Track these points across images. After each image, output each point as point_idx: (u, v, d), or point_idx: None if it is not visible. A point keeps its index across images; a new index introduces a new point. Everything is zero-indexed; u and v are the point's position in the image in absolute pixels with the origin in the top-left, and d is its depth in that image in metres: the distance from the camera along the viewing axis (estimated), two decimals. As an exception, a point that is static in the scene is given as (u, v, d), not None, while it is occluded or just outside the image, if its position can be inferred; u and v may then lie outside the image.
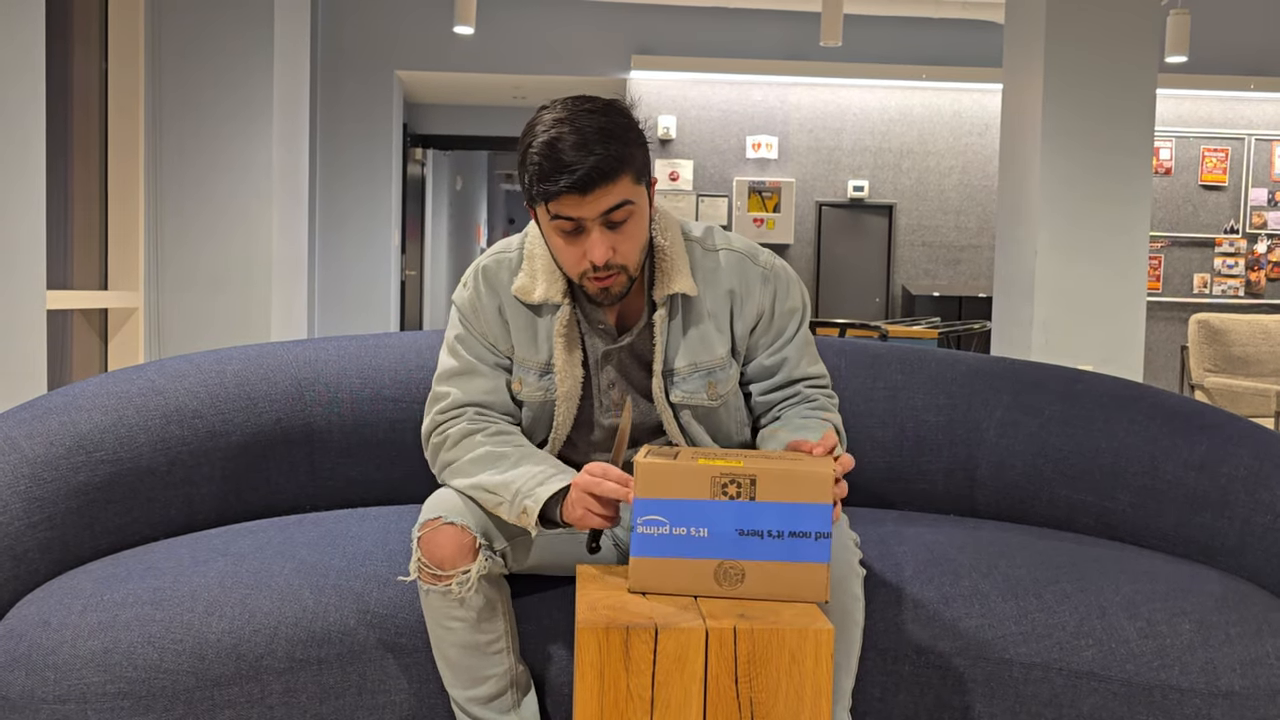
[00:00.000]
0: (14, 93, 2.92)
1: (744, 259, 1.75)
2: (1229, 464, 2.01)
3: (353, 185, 7.76)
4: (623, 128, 1.56)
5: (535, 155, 1.54)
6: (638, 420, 1.76)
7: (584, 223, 1.56)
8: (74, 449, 1.89)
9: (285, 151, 4.52)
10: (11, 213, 2.92)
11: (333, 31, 7.74)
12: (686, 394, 1.72)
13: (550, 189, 1.53)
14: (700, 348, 1.72)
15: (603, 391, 1.75)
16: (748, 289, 1.73)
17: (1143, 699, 1.73)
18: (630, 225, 1.59)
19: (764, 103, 8.17)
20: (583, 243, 1.58)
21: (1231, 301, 8.18)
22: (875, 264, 8.33)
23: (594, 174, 1.51)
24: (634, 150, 1.57)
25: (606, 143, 1.52)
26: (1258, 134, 8.14)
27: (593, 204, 1.54)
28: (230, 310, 4.36)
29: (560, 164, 1.51)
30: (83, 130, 4.11)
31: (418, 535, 1.60)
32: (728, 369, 1.74)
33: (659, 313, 1.69)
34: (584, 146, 1.51)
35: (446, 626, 1.61)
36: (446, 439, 1.72)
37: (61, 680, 1.63)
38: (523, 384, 1.74)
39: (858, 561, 1.62)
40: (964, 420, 2.27)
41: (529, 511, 1.56)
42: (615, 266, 1.60)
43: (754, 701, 1.37)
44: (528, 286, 1.70)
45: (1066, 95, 4.63)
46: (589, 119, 1.54)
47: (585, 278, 1.61)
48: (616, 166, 1.53)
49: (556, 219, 1.57)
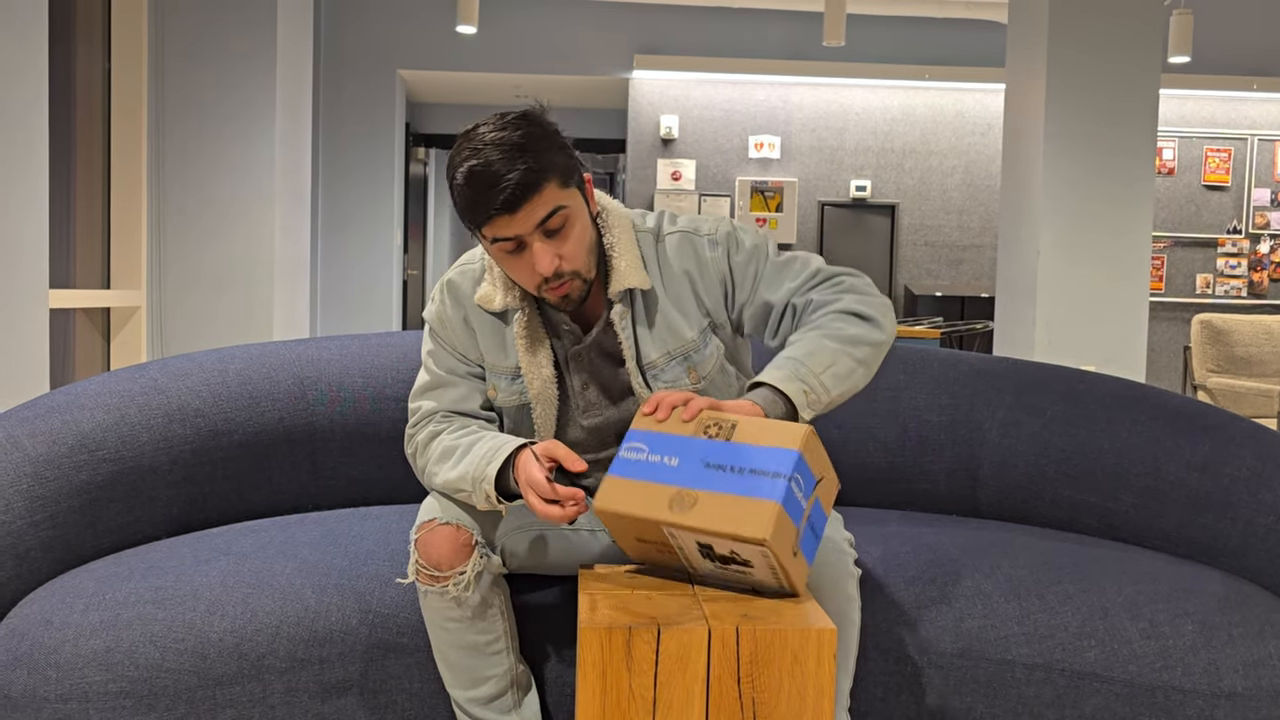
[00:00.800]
0: (17, 92, 2.92)
1: (689, 236, 1.74)
2: (1232, 465, 2.01)
3: (355, 184, 7.76)
4: (536, 137, 1.56)
5: (459, 188, 1.56)
6: (615, 418, 1.76)
7: (523, 238, 1.57)
8: (76, 448, 1.90)
9: (287, 151, 4.52)
10: (14, 212, 2.92)
11: (335, 31, 7.74)
12: (669, 383, 1.72)
13: (480, 216, 1.55)
14: (669, 335, 1.71)
15: (577, 393, 1.75)
16: (701, 264, 1.72)
17: (1145, 700, 1.73)
18: (569, 230, 1.60)
19: (767, 102, 8.17)
20: (528, 258, 1.59)
21: (1234, 302, 8.17)
22: (878, 264, 8.32)
23: (517, 191, 1.52)
24: (553, 157, 1.57)
25: (523, 156, 1.53)
26: (1260, 134, 8.13)
27: (524, 219, 1.55)
28: (233, 309, 4.36)
29: (483, 189, 1.53)
30: (86, 130, 4.11)
31: (414, 537, 1.60)
32: (703, 349, 1.72)
33: (616, 309, 1.69)
34: (503, 166, 1.52)
35: (445, 627, 1.61)
36: (417, 447, 1.75)
37: (64, 679, 1.63)
38: (497, 390, 1.75)
39: (852, 563, 1.61)
40: (966, 420, 2.27)
41: (490, 496, 1.58)
42: (566, 274, 1.61)
43: (756, 702, 1.37)
44: (489, 295, 1.72)
45: (1069, 95, 4.63)
46: (500, 136, 1.54)
47: (542, 290, 1.62)
48: (537, 178, 1.54)
49: (496, 241, 1.58)
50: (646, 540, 1.50)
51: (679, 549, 1.49)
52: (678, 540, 1.47)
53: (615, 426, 1.77)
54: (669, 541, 1.48)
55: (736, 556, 1.44)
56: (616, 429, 1.77)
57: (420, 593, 1.61)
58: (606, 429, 1.76)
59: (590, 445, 1.78)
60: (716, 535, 1.42)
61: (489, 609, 1.62)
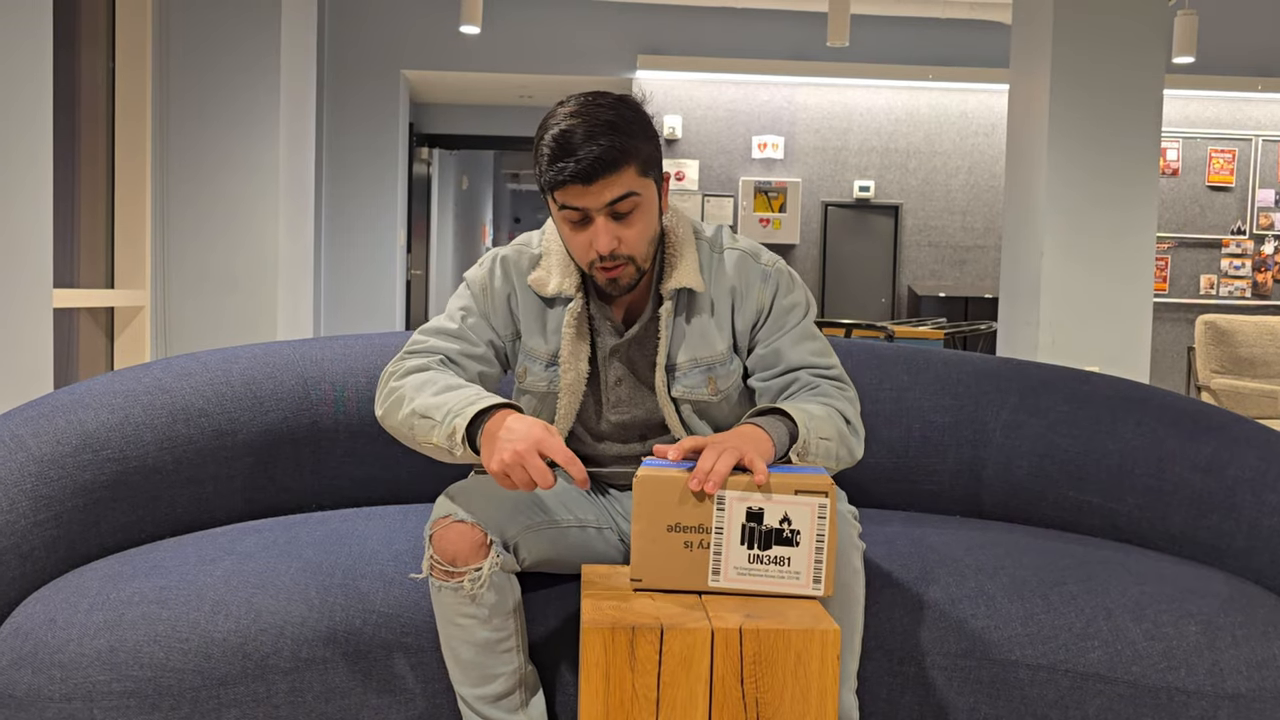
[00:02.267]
0: (22, 93, 2.92)
1: (747, 257, 1.79)
2: (1236, 466, 2.01)
3: (359, 185, 7.77)
4: (630, 121, 1.61)
5: (546, 145, 1.60)
6: (642, 416, 1.79)
7: (589, 213, 1.61)
8: (80, 447, 1.90)
9: (292, 151, 4.53)
10: (19, 211, 2.93)
11: (339, 31, 7.75)
12: (687, 389, 1.75)
13: (556, 177, 1.59)
14: (701, 343, 1.75)
15: (609, 388, 1.79)
16: (748, 286, 1.77)
17: (1149, 701, 1.73)
18: (636, 217, 1.63)
19: (770, 103, 8.17)
20: (589, 233, 1.63)
21: (1238, 303, 8.16)
22: (881, 264, 8.32)
23: (598, 164, 1.57)
24: (640, 144, 1.61)
25: (612, 134, 1.58)
26: (1265, 135, 8.12)
27: (596, 194, 1.59)
28: (237, 309, 4.37)
29: (567, 154, 1.57)
30: (90, 130, 4.11)
31: (430, 532, 1.60)
32: (728, 364, 1.77)
33: (665, 306, 1.73)
34: (590, 138, 1.57)
35: (457, 624, 1.61)
36: (401, 369, 1.71)
37: (67, 679, 1.63)
38: (528, 372, 1.79)
39: (857, 535, 1.63)
40: (970, 421, 2.27)
41: (457, 430, 1.55)
42: (621, 257, 1.64)
43: (759, 702, 1.37)
44: (543, 279, 1.75)
45: (1073, 96, 4.62)
46: (599, 112, 1.60)
47: (593, 267, 1.66)
48: (620, 158, 1.58)
49: (564, 209, 1.62)
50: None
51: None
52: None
53: (641, 425, 1.80)
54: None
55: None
56: (642, 428, 1.80)
57: (433, 588, 1.61)
58: (633, 426, 1.80)
59: (613, 437, 1.82)
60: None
61: (502, 607, 1.62)
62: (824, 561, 1.45)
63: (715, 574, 1.47)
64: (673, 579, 1.47)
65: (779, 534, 1.45)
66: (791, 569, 1.46)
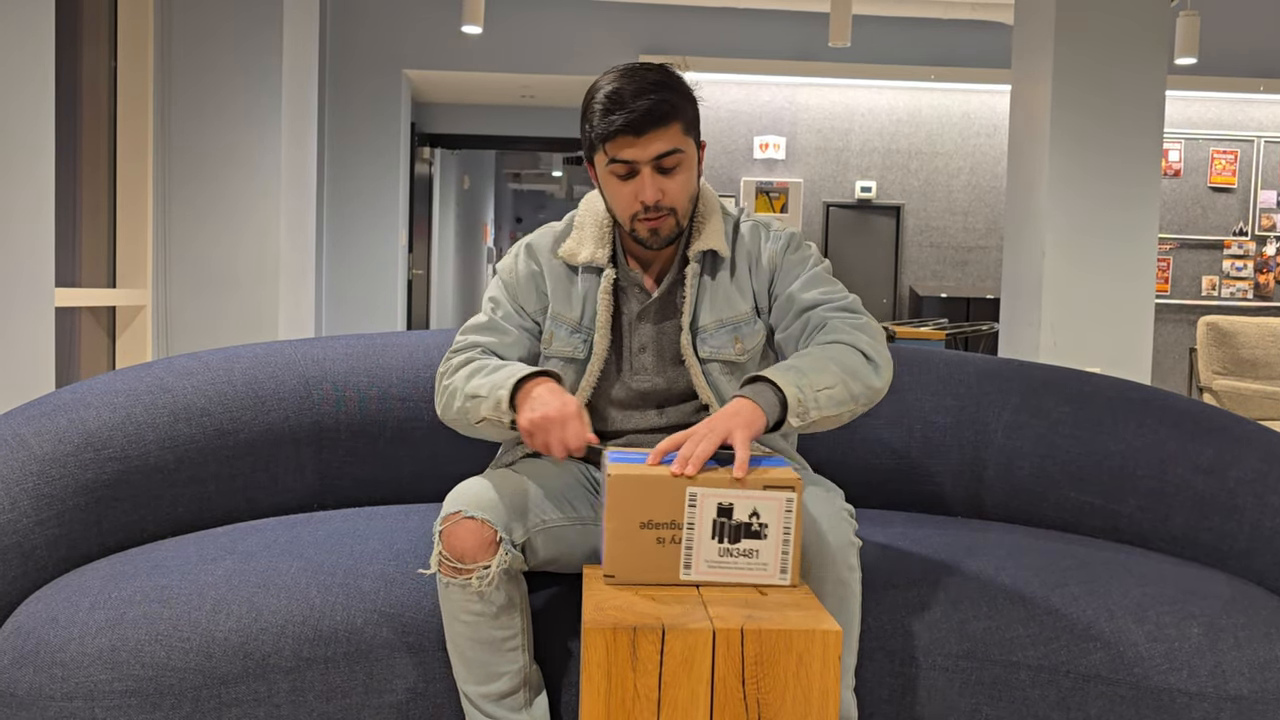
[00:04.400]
0: (23, 91, 2.93)
1: (761, 226, 1.89)
2: (1237, 467, 2.00)
3: (360, 184, 7.77)
4: (676, 83, 1.74)
5: (598, 102, 1.72)
6: (663, 385, 1.85)
7: (637, 165, 1.71)
8: (82, 447, 1.90)
9: (293, 150, 4.53)
10: (20, 210, 2.93)
11: (341, 31, 7.75)
12: (714, 349, 1.82)
13: (608, 129, 1.69)
14: (725, 305, 1.83)
15: (634, 354, 1.85)
16: (760, 248, 1.86)
17: (1150, 702, 1.73)
18: (679, 173, 1.74)
19: (772, 103, 8.17)
20: (635, 185, 1.73)
21: (1240, 304, 8.15)
22: (883, 265, 8.32)
23: (648, 117, 1.68)
24: (686, 104, 1.75)
25: (662, 91, 1.70)
26: (1267, 136, 8.12)
27: (644, 146, 1.70)
28: (238, 308, 4.37)
29: (619, 106, 1.69)
30: (92, 129, 4.12)
31: (439, 529, 1.61)
32: (752, 324, 1.84)
33: (691, 266, 1.82)
34: (641, 94, 1.69)
35: (464, 621, 1.61)
36: (449, 367, 1.83)
37: (69, 678, 1.63)
38: (554, 338, 1.86)
39: (853, 533, 1.63)
40: (972, 422, 2.27)
41: (502, 400, 1.65)
42: (665, 209, 1.74)
43: (761, 703, 1.37)
44: (573, 249, 1.85)
45: (1075, 96, 4.62)
46: (647, 74, 1.72)
47: (636, 219, 1.75)
48: (669, 112, 1.70)
49: (613, 162, 1.72)
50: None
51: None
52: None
53: (660, 394, 1.85)
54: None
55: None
56: (661, 397, 1.85)
57: (441, 584, 1.61)
58: (653, 395, 1.85)
59: (632, 405, 1.86)
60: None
61: (509, 605, 1.62)
62: (790, 553, 1.50)
63: (687, 567, 1.52)
64: (646, 574, 1.52)
65: (748, 528, 1.50)
66: (759, 560, 1.51)
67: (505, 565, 1.60)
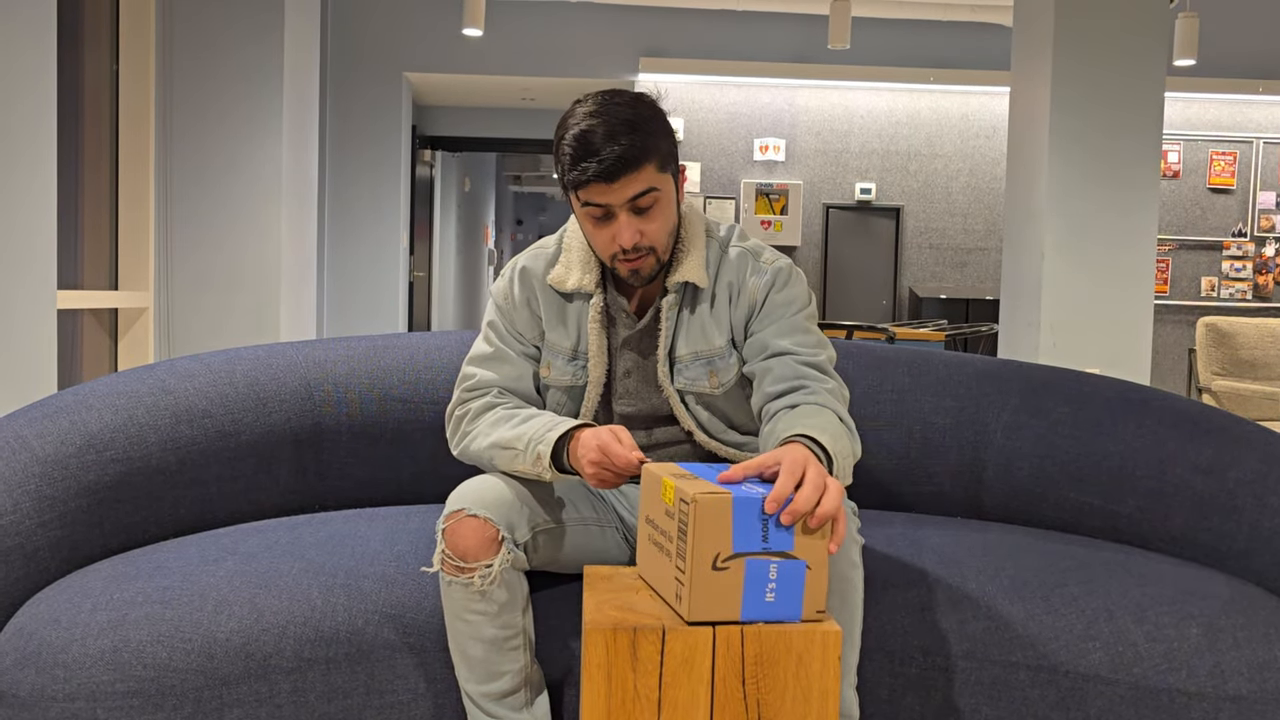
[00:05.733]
0: (25, 95, 2.93)
1: (748, 255, 1.83)
2: (1236, 468, 2.01)
3: (362, 187, 7.77)
4: (648, 119, 1.67)
5: (567, 146, 1.66)
6: (647, 410, 1.84)
7: (612, 209, 1.68)
8: (84, 448, 1.90)
9: (295, 153, 4.53)
10: (23, 213, 2.93)
11: (342, 34, 7.76)
12: (689, 381, 1.80)
13: (580, 177, 1.65)
14: (700, 337, 1.80)
15: (619, 379, 1.84)
16: (743, 282, 1.82)
17: (1150, 702, 1.73)
18: (656, 211, 1.70)
19: (772, 105, 8.17)
20: (613, 228, 1.69)
21: (1239, 305, 8.16)
22: (882, 266, 8.32)
23: (619, 163, 1.63)
24: (658, 141, 1.68)
25: (632, 134, 1.63)
26: (1266, 137, 8.12)
27: (619, 191, 1.65)
28: (240, 310, 4.37)
29: (589, 154, 1.63)
30: (94, 132, 4.12)
31: (442, 527, 1.61)
32: (727, 358, 1.81)
33: (668, 298, 1.79)
34: (611, 138, 1.63)
35: (466, 619, 1.62)
36: (469, 412, 1.82)
37: (71, 678, 1.64)
38: (551, 368, 1.85)
39: (856, 530, 1.63)
40: (971, 422, 2.27)
41: (542, 456, 1.66)
42: (644, 249, 1.71)
43: (761, 703, 1.37)
44: (562, 276, 1.82)
45: (1074, 97, 4.63)
46: (617, 111, 1.65)
47: (616, 260, 1.72)
48: (640, 156, 1.64)
49: (587, 205, 1.69)
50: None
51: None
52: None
53: (646, 418, 1.84)
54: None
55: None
56: (647, 420, 1.85)
57: (443, 583, 1.62)
58: (637, 419, 1.84)
59: (621, 424, 1.85)
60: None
61: (511, 605, 1.63)
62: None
63: None
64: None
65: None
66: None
67: (507, 564, 1.61)
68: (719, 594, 1.35)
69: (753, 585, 1.36)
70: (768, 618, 1.37)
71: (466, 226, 13.23)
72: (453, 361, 2.28)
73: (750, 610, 1.36)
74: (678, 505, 1.38)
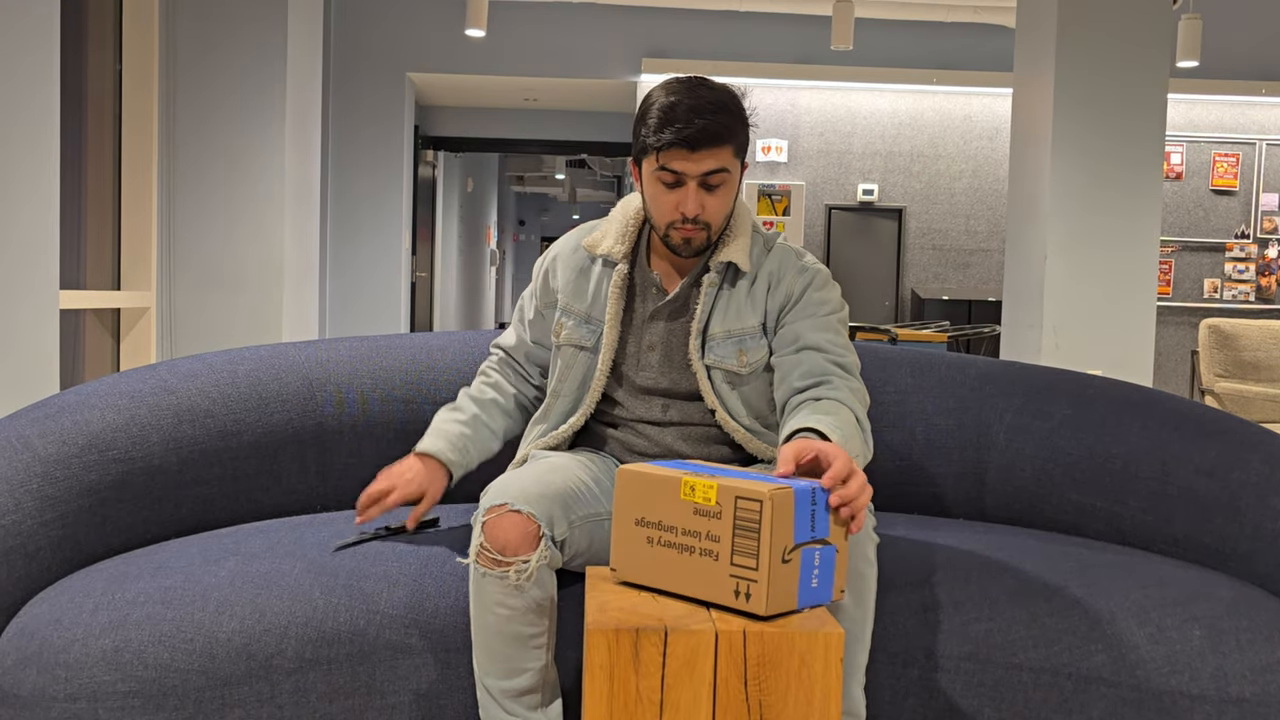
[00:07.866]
0: (29, 95, 2.93)
1: (791, 252, 1.93)
2: (1239, 470, 2.01)
3: (364, 187, 7.78)
4: (736, 108, 1.79)
5: (657, 110, 1.76)
6: (666, 385, 1.89)
7: (685, 178, 1.77)
8: (86, 448, 1.90)
9: (297, 153, 4.54)
10: (26, 213, 2.94)
11: (345, 34, 7.76)
12: (718, 358, 1.86)
13: (664, 139, 1.74)
14: (734, 317, 1.87)
15: (642, 352, 1.90)
16: (783, 273, 1.90)
17: (1152, 705, 1.73)
18: (722, 191, 1.80)
19: (774, 106, 8.17)
20: (679, 195, 1.79)
21: (1242, 306, 8.15)
22: (885, 267, 8.32)
23: (704, 135, 1.73)
24: (740, 130, 1.79)
25: (720, 113, 1.75)
26: (1269, 139, 8.11)
27: (697, 162, 1.75)
28: (242, 310, 4.37)
29: (678, 120, 1.74)
30: (97, 132, 4.13)
31: (482, 520, 1.61)
32: (758, 339, 1.88)
33: (710, 275, 1.87)
34: (700, 112, 1.74)
35: (495, 613, 1.61)
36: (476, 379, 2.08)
37: (72, 679, 1.64)
38: (563, 327, 1.94)
39: (871, 528, 1.66)
40: (973, 424, 2.27)
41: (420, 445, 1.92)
42: (702, 222, 1.80)
43: (763, 705, 1.37)
44: (597, 240, 1.93)
45: (1077, 99, 4.62)
46: (709, 92, 1.77)
47: (672, 227, 1.81)
48: (724, 134, 1.75)
49: (662, 170, 1.78)
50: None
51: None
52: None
53: (662, 395, 1.90)
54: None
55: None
56: (663, 397, 1.89)
57: (476, 575, 1.61)
58: (655, 393, 1.89)
59: (634, 406, 1.90)
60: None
61: (541, 602, 1.63)
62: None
63: None
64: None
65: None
66: None
67: (545, 561, 1.61)
68: (785, 585, 1.41)
69: (805, 573, 1.43)
70: (813, 602, 1.44)
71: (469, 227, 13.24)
72: (455, 362, 2.28)
73: (803, 597, 1.43)
74: (733, 504, 1.40)
